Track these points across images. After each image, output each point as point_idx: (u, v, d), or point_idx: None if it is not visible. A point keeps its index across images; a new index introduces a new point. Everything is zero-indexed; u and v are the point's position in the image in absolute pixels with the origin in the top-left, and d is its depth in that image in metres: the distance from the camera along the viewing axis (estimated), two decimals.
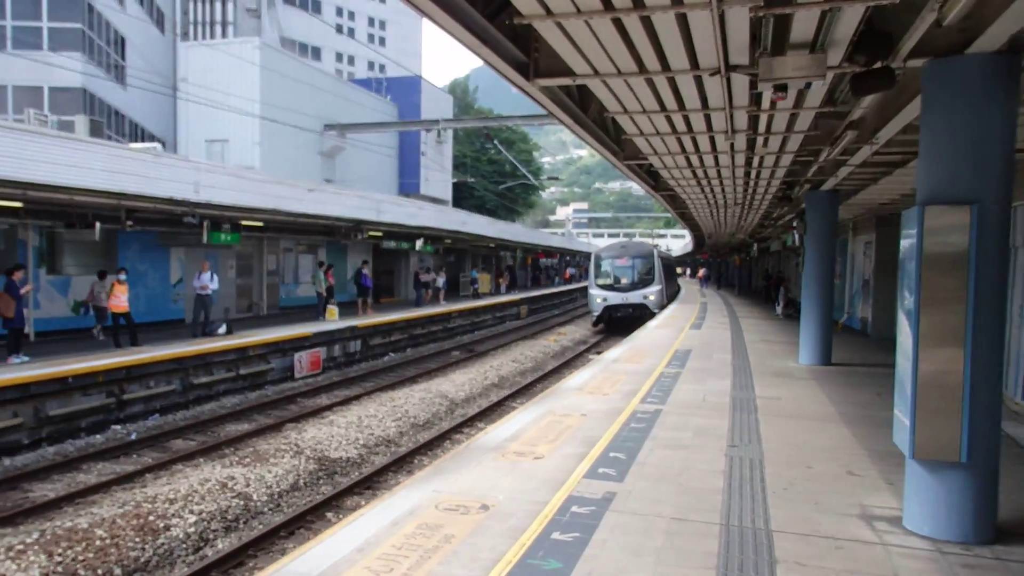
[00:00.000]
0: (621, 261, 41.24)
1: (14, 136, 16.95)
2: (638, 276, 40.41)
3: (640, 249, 43.13)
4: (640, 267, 40.77)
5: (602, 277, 40.89)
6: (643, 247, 44.01)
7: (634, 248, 43.38)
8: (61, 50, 40.54)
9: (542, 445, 10.59)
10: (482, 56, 8.68)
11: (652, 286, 39.77)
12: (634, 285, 40.03)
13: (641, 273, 40.49)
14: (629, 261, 41.12)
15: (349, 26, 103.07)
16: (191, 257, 27.99)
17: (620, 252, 42.16)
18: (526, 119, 51.91)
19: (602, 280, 40.76)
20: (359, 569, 6.34)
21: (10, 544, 10.28)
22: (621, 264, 41.11)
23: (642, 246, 44.72)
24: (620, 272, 40.78)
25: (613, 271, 40.90)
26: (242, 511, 12.19)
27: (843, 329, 28.43)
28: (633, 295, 39.51)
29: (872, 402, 14.08)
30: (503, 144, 73.33)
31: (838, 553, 6.82)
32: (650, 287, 39.70)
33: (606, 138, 15.07)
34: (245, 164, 42.93)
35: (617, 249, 43.08)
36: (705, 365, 18.57)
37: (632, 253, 41.92)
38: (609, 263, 41.41)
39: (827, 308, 19.02)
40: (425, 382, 23.83)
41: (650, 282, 39.97)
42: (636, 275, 40.45)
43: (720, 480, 8.94)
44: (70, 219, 21.06)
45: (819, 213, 19.01)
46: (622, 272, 40.77)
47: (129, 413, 18.45)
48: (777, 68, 7.59)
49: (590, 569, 6.37)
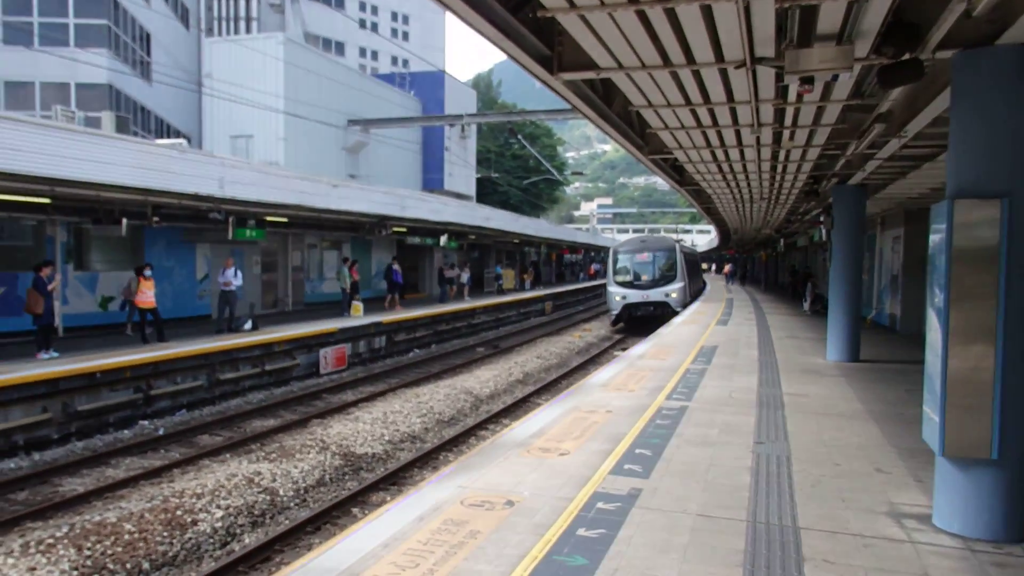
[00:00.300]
0: (641, 256, 38.78)
1: (42, 133, 17.05)
2: (659, 272, 38.07)
3: (661, 243, 40.38)
4: (661, 263, 38.43)
5: (621, 274, 38.60)
6: (664, 241, 41.25)
7: (655, 242, 40.61)
8: (87, 46, 40.78)
9: (567, 441, 10.56)
10: (505, 50, 8.64)
11: (674, 283, 37.54)
12: (655, 282, 37.80)
13: (662, 269, 38.13)
14: (649, 256, 38.71)
15: (372, 21, 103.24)
16: (217, 253, 28.10)
17: (640, 247, 39.63)
18: (550, 114, 51.82)
19: (621, 277, 38.49)
20: (385, 564, 6.34)
21: (40, 538, 10.35)
22: (641, 260, 38.67)
23: (663, 240, 41.73)
24: (640, 268, 38.35)
25: (632, 267, 38.49)
26: (268, 506, 12.23)
27: (871, 325, 28.23)
28: (654, 293, 37.27)
29: (901, 399, 13.96)
30: (527, 139, 73.29)
31: (866, 551, 6.76)
32: (672, 284, 37.49)
33: (630, 132, 15.00)
34: (269, 160, 43.14)
35: (637, 244, 40.56)
36: (731, 361, 18.48)
37: (653, 248, 39.35)
38: (628, 258, 39.02)
39: (855, 304, 18.86)
40: (450, 378, 23.85)
41: (672, 279, 37.69)
42: (657, 271, 38.11)
43: (747, 477, 8.88)
44: (97, 215, 21.17)
45: (846, 208, 18.84)
46: (642, 268, 38.36)
47: (156, 408, 18.55)
48: (803, 60, 7.53)
49: (616, 566, 6.34)
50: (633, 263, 38.60)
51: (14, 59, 41.01)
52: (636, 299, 37.36)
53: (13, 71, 41.71)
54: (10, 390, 15.28)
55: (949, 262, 6.97)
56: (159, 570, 9.94)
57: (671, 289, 37.30)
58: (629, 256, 39.05)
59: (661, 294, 37.16)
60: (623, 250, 39.86)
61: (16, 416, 15.40)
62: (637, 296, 37.35)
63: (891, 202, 23.76)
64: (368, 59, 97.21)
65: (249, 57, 46.02)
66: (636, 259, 38.71)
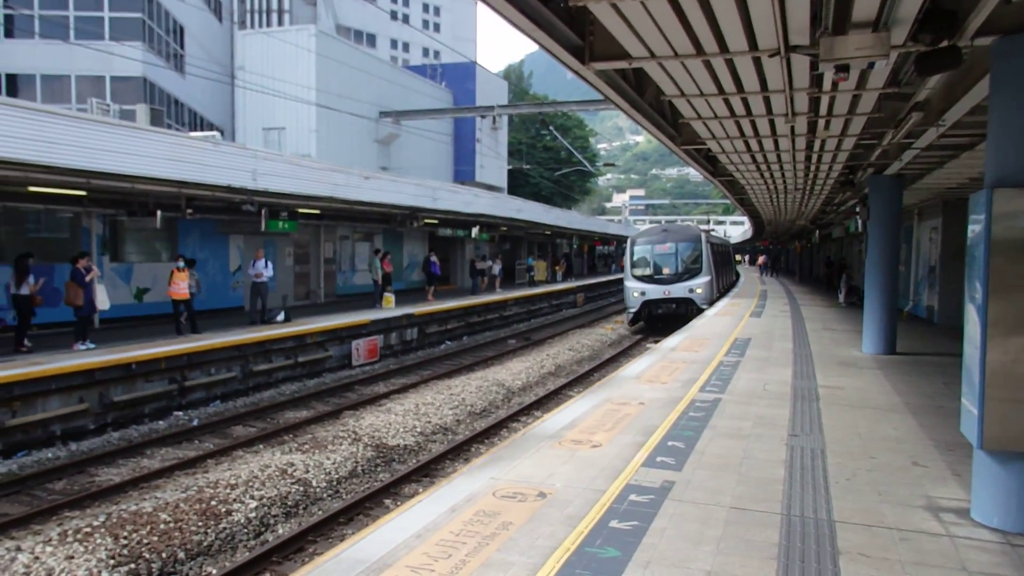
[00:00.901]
0: (662, 247, 34.72)
1: (78, 125, 17.18)
2: (682, 265, 34.13)
3: (685, 233, 36.22)
4: (685, 254, 34.41)
5: (639, 266, 34.75)
6: (688, 231, 36.99)
7: (678, 232, 36.45)
8: (122, 40, 41.03)
9: (600, 433, 10.53)
10: (537, 40, 8.60)
11: (699, 277, 33.73)
12: (678, 276, 33.92)
13: (686, 261, 34.21)
14: (671, 247, 34.60)
15: (404, 12, 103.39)
16: (250, 245, 28.24)
17: (661, 237, 35.58)
18: (581, 104, 51.66)
19: (639, 270, 34.65)
20: (417, 555, 6.35)
21: (78, 527, 10.44)
22: (662, 251, 34.62)
23: (687, 230, 37.51)
24: (661, 260, 34.45)
25: (653, 259, 34.51)
26: (302, 497, 12.28)
27: (908, 317, 27.99)
28: (676, 288, 33.51)
29: (939, 392, 13.83)
30: (558, 130, 73.15)
31: (903, 544, 6.69)
32: (697, 278, 33.67)
33: (663, 123, 14.93)
34: (301, 152, 43.24)
35: (657, 233, 36.56)
36: (765, 354, 18.38)
37: (675, 238, 35.22)
38: (647, 249, 34.97)
39: (891, 296, 18.68)
40: (482, 370, 23.86)
41: (697, 272, 33.86)
42: (680, 264, 34.19)
43: (781, 470, 8.83)
44: (132, 207, 21.33)
45: (883, 198, 18.66)
46: (663, 260, 34.42)
47: (191, 399, 18.69)
48: (839, 48, 7.45)
49: (649, 558, 6.31)
50: (653, 255, 34.71)
51: (50, 52, 41.35)
52: (656, 295, 33.83)
53: (49, 64, 42.06)
54: (48, 380, 15.43)
55: (988, 253, 6.88)
56: (194, 559, 10.00)
57: (696, 284, 33.62)
58: (648, 247, 35.14)
59: (684, 290, 33.57)
60: (642, 240, 35.94)
61: (54, 406, 15.56)
62: (657, 292, 33.80)
63: (928, 192, 23.54)
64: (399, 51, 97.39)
65: (281, 49, 46.16)
66: (656, 250, 34.78)
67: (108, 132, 17.82)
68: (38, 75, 42.38)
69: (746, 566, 6.15)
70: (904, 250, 28.73)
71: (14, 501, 12.35)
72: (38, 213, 21.80)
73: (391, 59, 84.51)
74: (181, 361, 18.51)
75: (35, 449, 14.92)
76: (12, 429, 14.68)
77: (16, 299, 17.86)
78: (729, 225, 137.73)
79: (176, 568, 9.73)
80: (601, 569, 6.05)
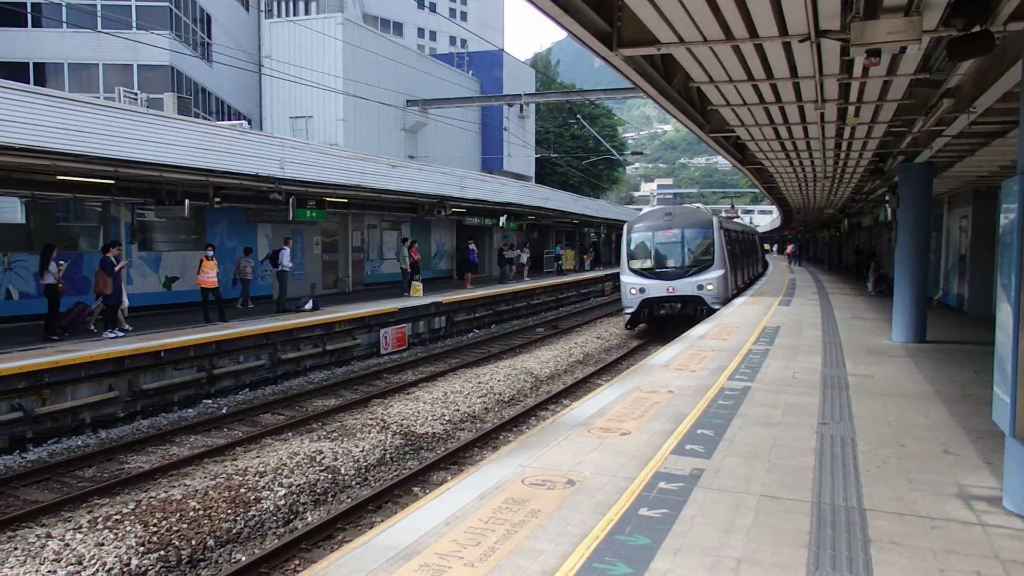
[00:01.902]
0: (665, 235, 29.31)
1: (106, 114, 17.25)
2: (690, 256, 28.82)
3: (693, 218, 30.16)
4: (693, 243, 29.09)
5: (637, 257, 29.51)
6: (697, 215, 30.65)
7: (684, 216, 30.36)
8: (150, 28, 41.23)
9: (628, 421, 10.49)
10: (564, 26, 8.56)
11: (710, 271, 28.42)
12: (684, 270, 28.57)
13: (694, 252, 28.92)
14: (676, 234, 29.17)
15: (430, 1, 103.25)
16: (278, 233, 28.33)
17: (664, 222, 29.83)
18: (609, 93, 51.58)
19: (638, 262, 29.36)
20: (446, 542, 6.33)
21: (107, 513, 10.52)
22: (665, 239, 29.28)
23: (695, 214, 30.99)
24: (664, 250, 29.23)
25: (654, 248, 29.25)
26: (330, 485, 12.30)
27: (938, 306, 27.76)
28: (682, 284, 28.15)
29: (970, 380, 13.69)
30: (586, 119, 72.91)
31: (934, 533, 6.62)
32: (707, 272, 28.37)
33: (691, 110, 14.86)
34: (329, 140, 43.37)
35: (659, 217, 30.42)
36: (795, 342, 18.26)
37: (682, 223, 29.52)
38: (647, 237, 29.54)
39: (921, 284, 18.50)
40: (510, 359, 23.86)
41: (708, 265, 28.55)
42: (687, 255, 28.86)
43: (811, 458, 8.76)
44: (160, 196, 21.43)
45: (913, 186, 18.48)
46: (667, 250, 29.20)
47: (220, 387, 18.77)
48: (870, 32, 7.37)
49: (679, 545, 6.27)
50: (654, 243, 29.37)
51: (78, 41, 41.64)
52: (657, 292, 28.36)
53: (77, 53, 42.34)
54: (77, 368, 15.53)
55: (1021, 241, 6.78)
56: (223, 547, 10.04)
57: (706, 279, 28.27)
58: (648, 234, 29.63)
59: (691, 285, 28.17)
60: (640, 226, 30.20)
61: (83, 394, 15.67)
62: (659, 288, 28.34)
63: (959, 180, 23.32)
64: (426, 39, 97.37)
65: (308, 38, 46.27)
66: (659, 238, 29.40)
67: (136, 121, 17.90)
68: (66, 64, 42.68)
69: (776, 554, 6.10)
70: (934, 238, 28.48)
71: (44, 488, 12.45)
72: (67, 202, 21.96)
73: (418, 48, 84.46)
74: (210, 349, 18.60)
75: (65, 437, 15.05)
76: (42, 417, 14.80)
77: (45, 288, 18.01)
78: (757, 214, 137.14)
79: (206, 555, 9.77)
80: (631, 556, 6.02)
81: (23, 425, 14.45)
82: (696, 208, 34.24)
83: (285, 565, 9.49)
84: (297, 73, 43.17)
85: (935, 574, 5.78)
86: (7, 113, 14.80)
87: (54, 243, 18.76)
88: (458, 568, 5.82)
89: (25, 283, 20.40)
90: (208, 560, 9.70)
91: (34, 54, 42.31)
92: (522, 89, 63.45)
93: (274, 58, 46.44)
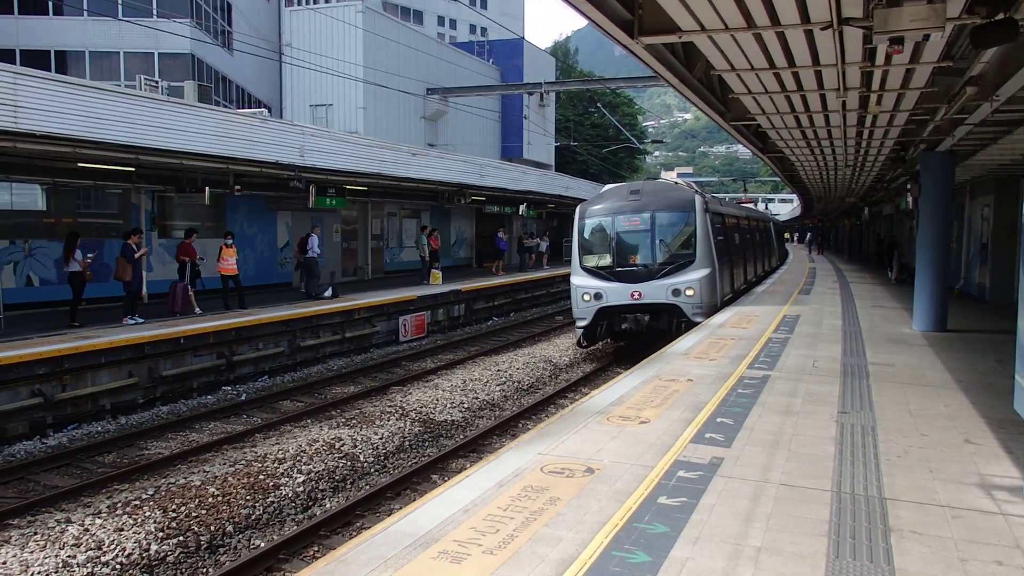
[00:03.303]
0: (630, 220, 21.61)
1: (126, 102, 17.31)
2: (663, 250, 21.27)
3: (668, 197, 22.20)
4: (668, 232, 21.56)
5: (593, 252, 21.96)
6: (673, 193, 22.55)
7: (656, 194, 22.28)
8: (170, 16, 41.30)
9: (648, 410, 10.45)
10: (585, 14, 8.50)
11: (690, 270, 20.91)
12: (655, 269, 20.99)
13: (670, 244, 21.44)
14: (645, 220, 21.51)
15: None
16: (298, 221, 28.39)
17: (629, 203, 21.89)
18: (629, 81, 51.40)
19: (593, 258, 21.81)
20: (465, 529, 6.32)
21: (127, 499, 10.57)
22: (630, 226, 21.62)
23: (672, 192, 22.90)
24: (628, 242, 21.65)
25: (615, 240, 21.60)
26: (349, 472, 12.33)
27: (959, 295, 27.56)
28: (652, 287, 20.72)
29: (992, 369, 13.58)
30: (606, 108, 72.72)
31: (955, 522, 6.57)
32: (686, 272, 20.86)
33: (712, 98, 14.77)
34: (349, 128, 43.41)
35: (623, 197, 22.32)
36: (815, 330, 18.16)
37: (653, 204, 21.70)
38: (606, 223, 21.82)
39: (942, 273, 18.37)
40: (529, 347, 23.84)
41: (687, 262, 21.01)
42: (659, 248, 21.31)
43: (831, 447, 8.70)
44: (180, 183, 21.48)
45: (934, 175, 18.33)
46: (631, 242, 21.63)
47: (239, 374, 18.83)
48: (893, 20, 7.29)
49: (698, 534, 6.24)
50: (615, 232, 21.65)
51: (99, 29, 41.77)
52: (618, 299, 20.86)
53: (98, 41, 42.47)
54: (97, 354, 15.60)
55: None
56: (242, 533, 10.07)
57: (684, 282, 20.69)
58: (608, 219, 21.82)
59: (664, 290, 20.68)
60: (598, 209, 22.29)
61: (103, 380, 15.74)
62: (620, 294, 20.85)
63: (981, 169, 23.13)
64: (446, 27, 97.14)
65: (328, 25, 46.28)
66: (621, 224, 21.65)
67: (156, 108, 17.96)
68: (87, 52, 42.83)
69: (796, 543, 6.06)
70: (955, 227, 28.27)
71: (64, 474, 12.51)
72: (88, 190, 22.05)
73: (438, 36, 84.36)
74: (229, 336, 18.65)
75: (85, 422, 15.13)
76: (62, 402, 14.88)
77: (68, 276, 18.09)
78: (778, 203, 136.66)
79: (224, 541, 9.80)
80: (650, 545, 5.99)
81: (43, 411, 14.54)
82: (673, 184, 25.78)
83: (304, 552, 9.51)
84: (317, 61, 43.18)
85: (956, 564, 5.72)
86: (29, 101, 14.88)
87: (78, 231, 18.82)
88: (476, 555, 5.80)
89: (46, 270, 20.51)
90: (227, 546, 9.73)
91: (56, 42, 42.45)
92: (542, 77, 63.30)
93: (294, 46, 46.47)
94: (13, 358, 14.04)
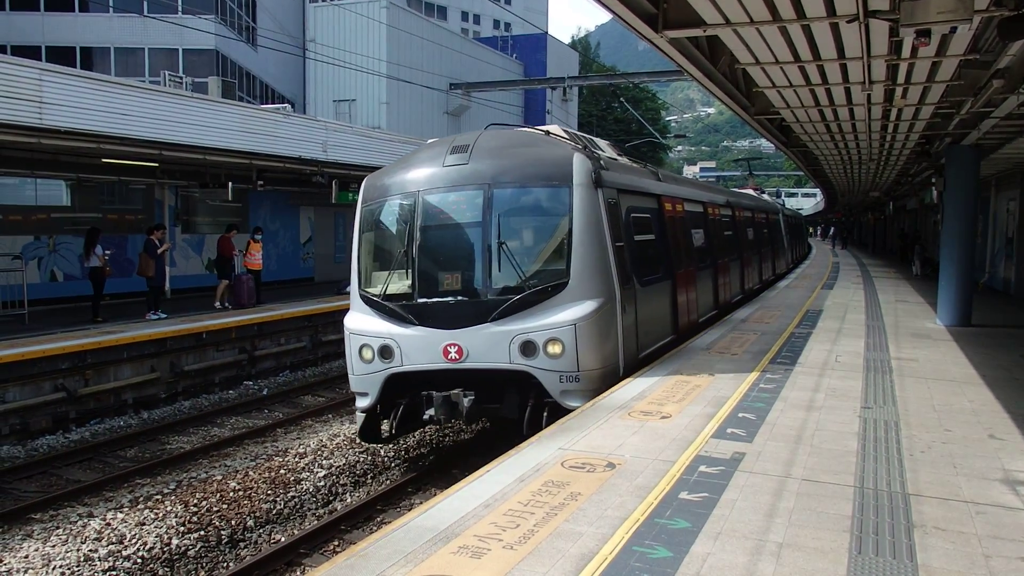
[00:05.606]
0: (444, 207, 11.39)
1: (151, 98, 17.38)
2: (505, 265, 10.88)
3: (520, 160, 11.38)
4: (517, 227, 11.31)
5: (379, 269, 11.78)
6: (530, 153, 11.52)
7: (498, 155, 11.44)
8: (195, 13, 41.46)
9: (669, 405, 10.39)
10: (610, 7, 8.46)
11: (559, 305, 10.82)
12: (489, 304, 10.81)
13: (521, 253, 11.11)
14: (472, 206, 11.19)
15: None
16: (320, 217, 28.43)
17: (449, 173, 11.36)
18: (652, 75, 51.31)
19: (378, 281, 11.58)
20: (485, 524, 6.29)
21: (148, 493, 10.63)
22: (443, 219, 11.40)
23: (530, 150, 11.60)
24: (438, 247, 11.39)
25: (416, 244, 11.18)
26: (370, 467, 12.33)
27: (983, 289, 27.35)
28: (483, 337, 10.69)
29: (1016, 364, 13.45)
30: (629, 102, 72.58)
31: (979, 518, 6.49)
32: (550, 309, 10.80)
33: (736, 92, 14.68)
34: (372, 124, 43.46)
35: (437, 159, 11.61)
36: (838, 325, 18.03)
37: (489, 174, 11.15)
38: (405, 209, 11.51)
39: (967, 267, 18.22)
40: None
41: (553, 289, 10.85)
42: (497, 260, 10.90)
43: (854, 442, 8.63)
44: (203, 179, 21.56)
45: (960, 169, 18.18)
46: (446, 248, 11.47)
47: (261, 369, 18.87)
48: (920, 12, 7.22)
49: (719, 529, 6.19)
50: (420, 226, 11.27)
51: (124, 26, 41.97)
52: (422, 360, 10.90)
53: (123, 38, 42.69)
54: (120, 349, 15.66)
55: None
56: (263, 527, 10.08)
57: (544, 327, 10.71)
58: (407, 201, 11.52)
59: (504, 343, 10.69)
60: (393, 183, 11.83)
61: (126, 375, 15.82)
62: (424, 350, 10.87)
63: (1007, 163, 22.93)
64: (470, 23, 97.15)
65: (352, 21, 46.41)
66: (429, 213, 11.33)
67: (180, 104, 18.02)
68: (112, 48, 43.08)
69: (818, 539, 6.01)
70: (980, 221, 28.05)
71: (86, 468, 12.59)
72: (112, 185, 22.14)
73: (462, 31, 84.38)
74: (252, 331, 18.70)
75: (107, 417, 15.21)
76: (85, 397, 14.97)
77: (90, 271, 18.17)
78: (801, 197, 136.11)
79: (245, 535, 9.81)
80: (671, 540, 5.95)
81: (66, 405, 14.63)
82: (541, 135, 12.56)
83: (324, 546, 9.52)
84: (341, 57, 43.29)
85: (980, 560, 5.66)
86: (55, 97, 14.95)
87: (98, 227, 18.90)
88: (497, 550, 5.78)
89: (70, 265, 20.63)
90: (248, 540, 9.75)
91: (81, 39, 42.71)
92: (565, 72, 63.26)
93: (318, 42, 46.62)
94: (36, 352, 14.13)
